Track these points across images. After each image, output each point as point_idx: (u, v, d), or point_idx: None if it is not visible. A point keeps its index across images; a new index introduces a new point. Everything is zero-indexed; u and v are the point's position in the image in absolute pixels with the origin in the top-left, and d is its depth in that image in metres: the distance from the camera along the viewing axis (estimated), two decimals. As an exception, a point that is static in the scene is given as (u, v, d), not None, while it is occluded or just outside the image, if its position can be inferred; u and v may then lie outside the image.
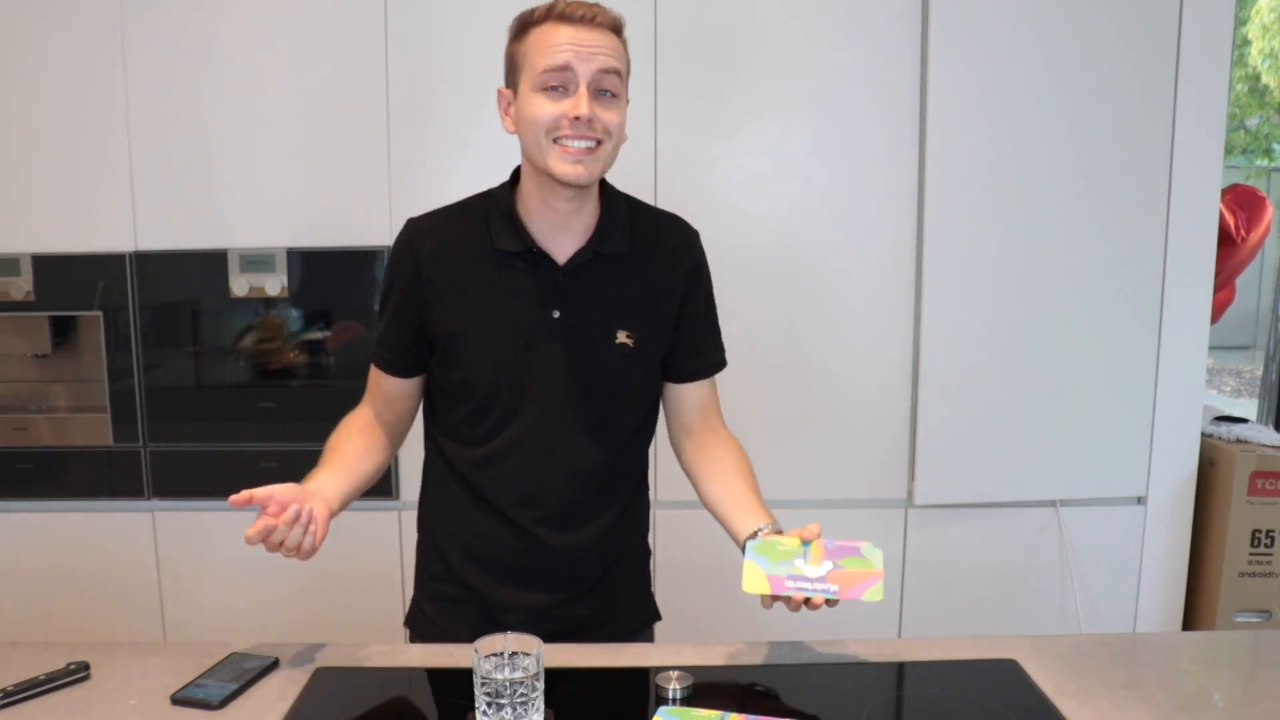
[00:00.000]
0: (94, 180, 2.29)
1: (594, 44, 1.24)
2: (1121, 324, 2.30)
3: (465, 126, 2.27)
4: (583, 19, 1.24)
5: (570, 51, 1.23)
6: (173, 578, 2.40)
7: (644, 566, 1.51)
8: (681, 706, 1.14)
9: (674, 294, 1.38)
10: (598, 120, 1.23)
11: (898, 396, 2.34)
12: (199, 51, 2.25)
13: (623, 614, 1.45)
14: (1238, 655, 1.37)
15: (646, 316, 1.36)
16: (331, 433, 1.41)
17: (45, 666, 1.21)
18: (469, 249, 1.34)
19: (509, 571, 1.38)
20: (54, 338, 2.34)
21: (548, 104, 1.23)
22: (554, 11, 1.25)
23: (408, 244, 1.37)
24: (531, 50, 1.25)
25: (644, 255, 1.36)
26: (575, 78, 1.23)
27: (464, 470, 1.38)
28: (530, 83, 1.25)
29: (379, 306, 1.44)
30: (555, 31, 1.24)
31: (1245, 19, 7.86)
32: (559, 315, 1.31)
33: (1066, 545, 2.38)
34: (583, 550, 1.38)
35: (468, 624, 1.35)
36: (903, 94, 2.24)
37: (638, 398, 1.40)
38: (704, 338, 1.43)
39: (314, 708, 1.16)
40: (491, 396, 1.33)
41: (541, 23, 1.25)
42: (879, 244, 2.30)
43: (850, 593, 1.15)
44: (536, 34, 1.25)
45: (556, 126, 1.23)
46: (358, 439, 1.39)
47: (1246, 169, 8.63)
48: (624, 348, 1.34)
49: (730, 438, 1.46)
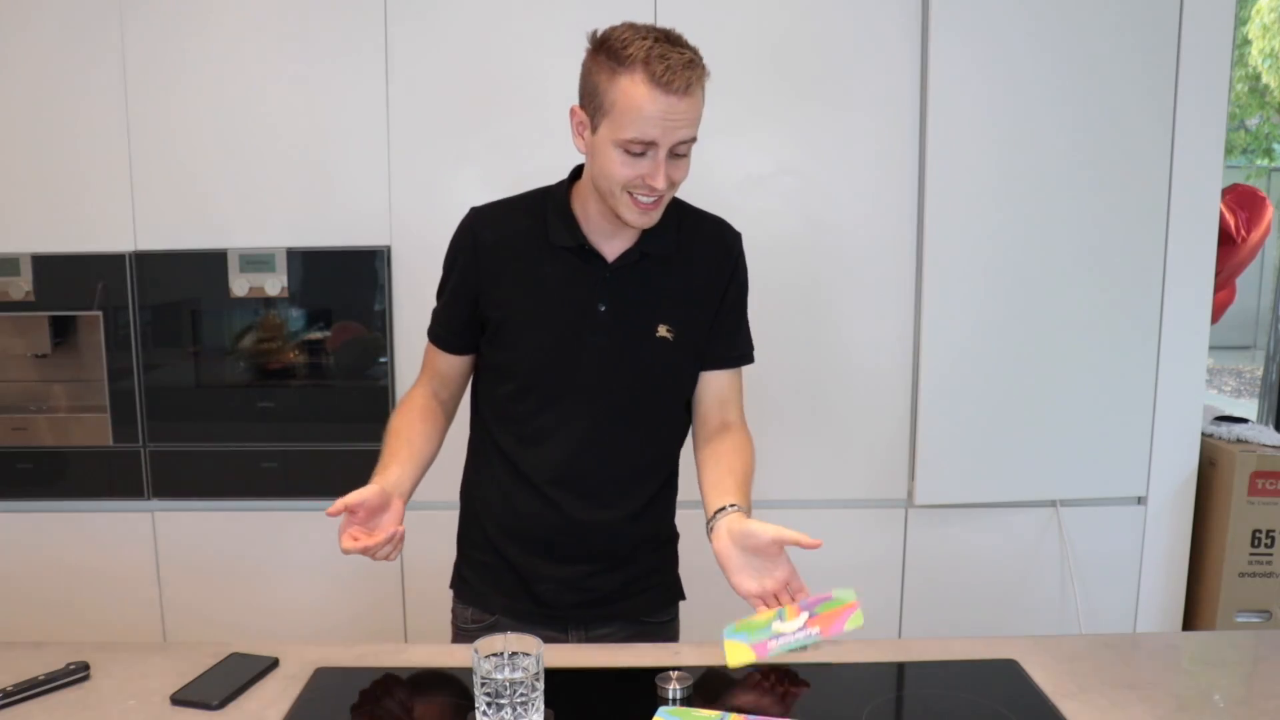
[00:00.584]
0: (94, 180, 2.29)
1: (682, 116, 1.26)
2: (1122, 324, 2.30)
3: (465, 126, 2.27)
4: (678, 90, 1.24)
5: (659, 127, 1.25)
6: (173, 578, 2.40)
7: (672, 547, 1.58)
8: (681, 706, 1.14)
9: (714, 292, 1.45)
10: (669, 179, 1.30)
11: (898, 396, 2.34)
12: (199, 51, 2.25)
13: (650, 589, 1.52)
14: (1238, 655, 1.37)
15: (687, 312, 1.43)
16: (394, 414, 1.46)
17: (45, 666, 1.21)
18: (525, 240, 1.40)
19: (542, 544, 1.46)
20: (54, 338, 2.34)
21: (626, 164, 1.28)
22: (652, 74, 1.23)
23: (469, 230, 1.43)
24: (620, 105, 1.25)
25: (687, 255, 1.43)
26: (657, 148, 1.27)
27: (506, 446, 1.46)
28: (611, 135, 1.27)
29: (439, 287, 1.49)
30: (649, 99, 1.23)
31: (1245, 19, 7.86)
32: (605, 309, 1.39)
33: (1066, 545, 2.38)
34: (614, 528, 1.45)
35: (502, 590, 1.48)
36: (903, 94, 2.24)
37: (675, 388, 1.47)
38: (731, 331, 1.48)
39: (314, 708, 1.16)
40: (536, 379, 1.41)
41: (634, 74, 1.23)
42: (879, 244, 2.30)
43: (832, 629, 1.19)
44: (628, 88, 1.24)
45: (632, 185, 1.29)
46: (419, 424, 1.44)
47: (1247, 169, 8.62)
48: (664, 341, 1.41)
49: (741, 434, 1.48)
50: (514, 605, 1.47)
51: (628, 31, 1.27)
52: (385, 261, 2.29)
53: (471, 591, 1.52)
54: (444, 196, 2.29)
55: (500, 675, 1.04)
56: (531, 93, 2.24)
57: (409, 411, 1.45)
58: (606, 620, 1.49)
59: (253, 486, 2.37)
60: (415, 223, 2.29)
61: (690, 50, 1.27)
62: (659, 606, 1.54)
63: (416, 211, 2.30)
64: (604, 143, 1.29)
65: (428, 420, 1.45)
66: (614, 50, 1.25)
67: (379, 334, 2.32)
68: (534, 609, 1.46)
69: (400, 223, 2.30)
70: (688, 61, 1.25)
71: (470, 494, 1.54)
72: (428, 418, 1.46)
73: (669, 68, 1.23)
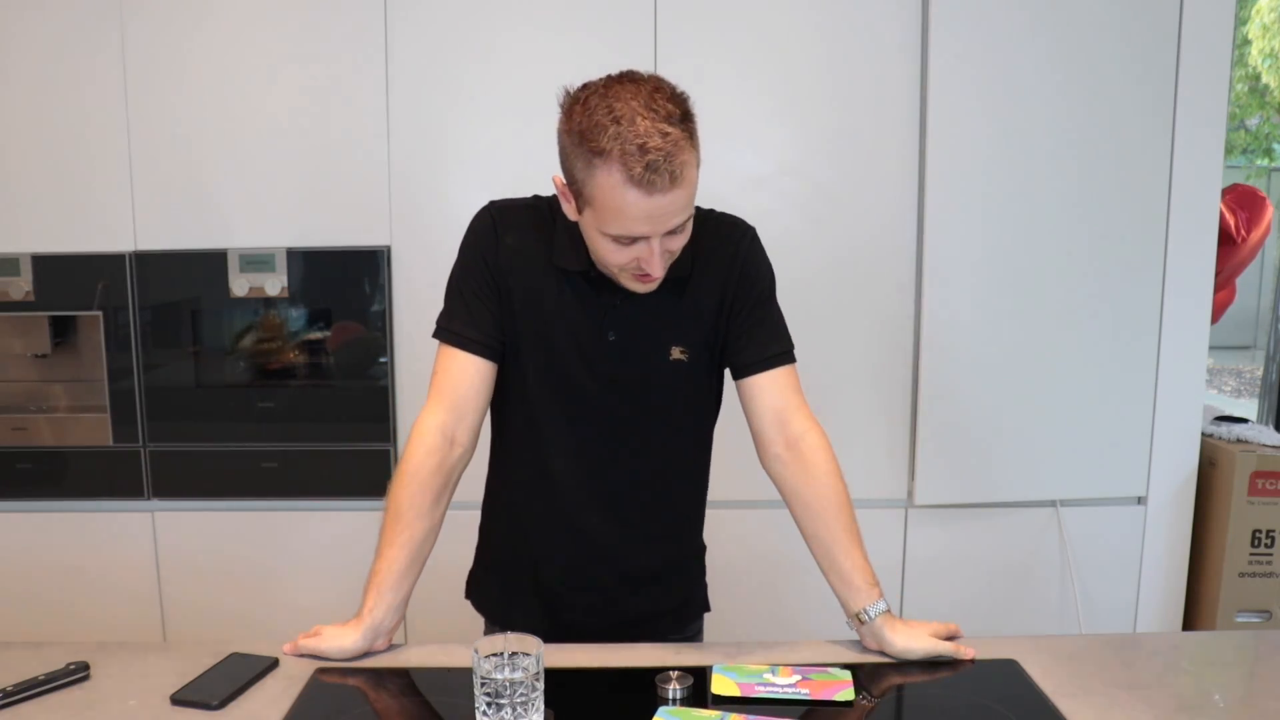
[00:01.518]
0: (94, 180, 2.29)
1: (672, 209, 1.14)
2: (1122, 324, 2.30)
3: (466, 126, 2.27)
4: (663, 189, 1.11)
5: (646, 225, 1.15)
6: (173, 578, 2.40)
7: (699, 563, 1.51)
8: (681, 706, 1.14)
9: (724, 300, 1.35)
10: (667, 256, 1.21)
11: (898, 396, 2.34)
12: (199, 51, 2.25)
13: (676, 608, 1.47)
14: (1238, 655, 1.37)
15: (699, 329, 1.34)
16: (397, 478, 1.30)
17: (45, 666, 1.21)
18: (536, 255, 1.31)
19: (567, 571, 1.40)
20: (54, 338, 2.34)
21: (617, 252, 1.19)
22: (631, 175, 1.10)
23: (492, 226, 1.33)
24: (599, 201, 1.14)
25: (699, 269, 1.33)
26: (649, 239, 1.17)
27: (524, 472, 1.39)
28: (597, 225, 1.18)
29: (453, 284, 1.34)
30: (628, 200, 1.11)
31: (1245, 19, 7.86)
32: (614, 338, 1.31)
33: (1066, 545, 2.38)
34: (640, 553, 1.40)
35: (526, 612, 1.40)
36: (903, 94, 2.24)
37: (691, 408, 1.40)
38: (755, 329, 1.35)
39: (314, 708, 1.16)
40: (547, 407, 1.34)
41: (610, 170, 1.11)
42: (879, 244, 2.29)
43: (821, 695, 1.18)
44: (607, 186, 1.12)
45: (627, 267, 1.21)
46: (429, 515, 1.30)
47: (1247, 169, 8.63)
48: (678, 363, 1.33)
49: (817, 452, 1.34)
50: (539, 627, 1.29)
51: (598, 108, 1.11)
52: (385, 261, 2.29)
53: (496, 611, 1.46)
54: (444, 196, 2.29)
55: (500, 675, 1.04)
56: (531, 93, 2.24)
57: (415, 487, 1.29)
58: (634, 640, 1.41)
59: (253, 486, 2.36)
60: (415, 223, 2.29)
61: (675, 121, 1.12)
62: (683, 624, 1.49)
63: (416, 211, 2.30)
64: (591, 227, 1.19)
65: (435, 501, 1.30)
66: (586, 137, 1.12)
67: (379, 334, 2.32)
68: (560, 632, 1.36)
69: (400, 223, 2.30)
70: (670, 148, 1.10)
71: (492, 513, 1.48)
72: (435, 497, 1.30)
73: (649, 166, 1.09)
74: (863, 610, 1.29)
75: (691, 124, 1.16)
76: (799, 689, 1.19)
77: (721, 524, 1.62)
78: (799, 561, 1.41)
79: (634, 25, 2.22)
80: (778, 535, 1.42)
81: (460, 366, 1.31)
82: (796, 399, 1.36)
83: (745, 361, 1.35)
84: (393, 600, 1.29)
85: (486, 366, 1.32)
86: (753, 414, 1.36)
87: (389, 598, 1.29)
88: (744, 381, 1.36)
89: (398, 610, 1.30)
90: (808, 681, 1.21)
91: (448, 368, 1.32)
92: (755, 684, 1.19)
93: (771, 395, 1.34)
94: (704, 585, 1.52)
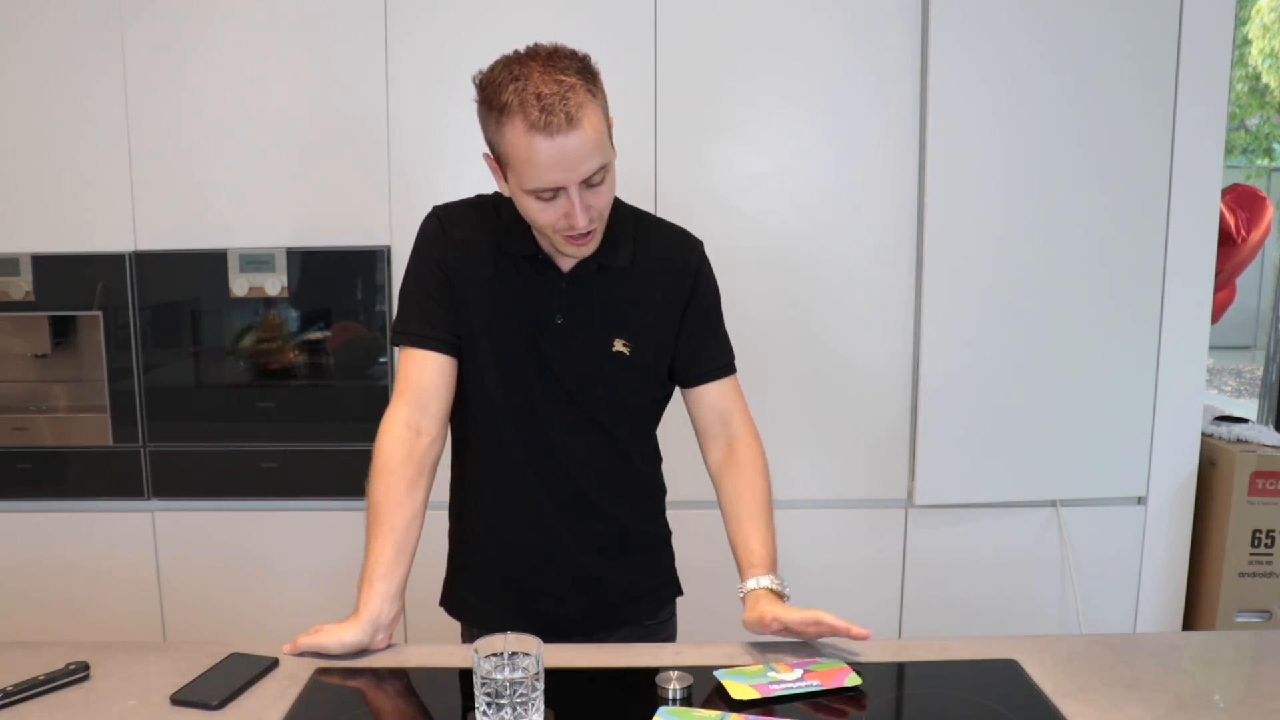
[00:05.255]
0: (94, 180, 2.29)
1: (578, 152, 1.19)
2: (1122, 324, 2.30)
3: (465, 126, 2.26)
4: (561, 129, 1.16)
5: (557, 171, 1.19)
6: (173, 578, 2.40)
7: (665, 548, 1.56)
8: (681, 706, 1.14)
9: (674, 305, 1.41)
10: (591, 210, 1.25)
11: (898, 396, 2.34)
12: (199, 51, 2.25)
13: (646, 593, 1.51)
14: (1238, 655, 1.37)
15: (645, 327, 1.39)
16: (372, 476, 1.33)
17: (45, 666, 1.21)
18: (485, 245, 1.38)
19: (534, 560, 1.43)
20: (54, 338, 2.34)
21: (543, 210, 1.24)
22: (530, 120, 1.16)
23: (439, 228, 1.40)
24: (513, 156, 1.20)
25: (645, 268, 1.39)
26: (566, 189, 1.22)
27: (482, 465, 1.43)
28: (518, 185, 1.24)
29: (404, 291, 1.41)
30: (535, 147, 1.17)
31: (1245, 19, 7.86)
32: (561, 321, 1.36)
33: (1066, 545, 2.38)
34: (600, 540, 1.44)
35: (503, 607, 1.45)
36: (903, 93, 2.24)
37: (633, 403, 1.44)
38: (706, 343, 1.44)
39: (314, 708, 1.16)
40: (498, 394, 1.38)
41: (514, 122, 1.18)
42: (879, 243, 2.30)
43: (831, 683, 1.20)
44: (514, 138, 1.19)
45: (555, 227, 1.26)
46: (405, 500, 1.32)
47: (1247, 169, 8.63)
48: (620, 356, 1.38)
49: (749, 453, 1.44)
50: (517, 621, 1.41)
51: (501, 71, 1.19)
52: (385, 261, 2.29)
53: (472, 611, 1.50)
54: (444, 196, 2.28)
55: (500, 675, 1.04)
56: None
57: (388, 478, 1.32)
58: (609, 627, 1.47)
59: (253, 486, 2.37)
60: (415, 223, 2.27)
61: (570, 71, 1.18)
62: (657, 608, 1.53)
63: (416, 211, 2.27)
64: (516, 191, 1.25)
65: (415, 490, 1.33)
66: (490, 98, 1.20)
67: (379, 334, 2.32)
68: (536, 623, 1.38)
69: (400, 223, 2.30)
70: (566, 91, 1.16)
71: (458, 514, 1.51)
72: (409, 484, 1.32)
73: (544, 108, 1.15)
74: (739, 586, 1.36)
75: (591, 75, 1.22)
76: (809, 681, 1.20)
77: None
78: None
79: (634, 25, 2.22)
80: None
81: (419, 363, 1.37)
82: (740, 406, 1.47)
83: (694, 373, 1.44)
84: (385, 591, 1.30)
85: (445, 361, 1.37)
86: (697, 418, 1.47)
87: (381, 588, 1.30)
88: (692, 391, 1.45)
89: (394, 601, 1.31)
90: (814, 674, 1.21)
91: (408, 367, 1.37)
92: (768, 684, 1.19)
93: (716, 401, 1.45)
94: (673, 569, 1.56)
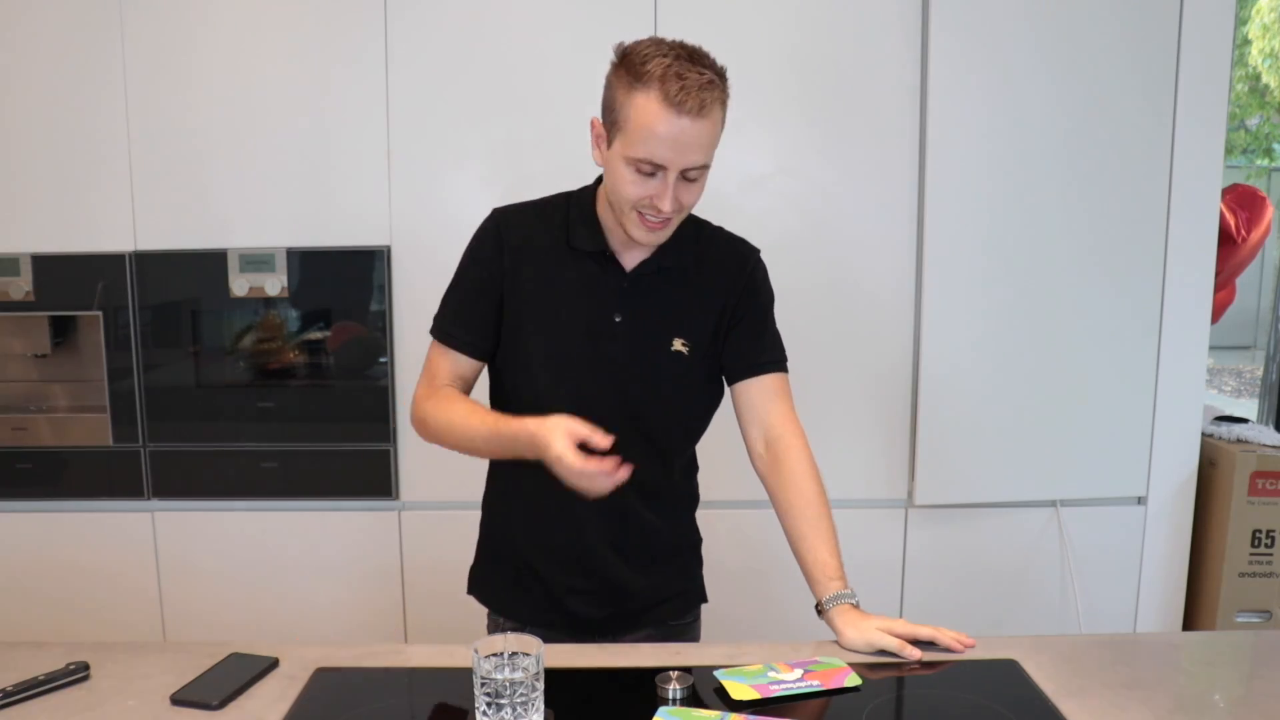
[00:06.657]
0: (94, 180, 2.29)
1: (694, 140, 1.23)
2: (1122, 324, 2.30)
3: (465, 126, 2.27)
4: (691, 111, 1.21)
5: (670, 149, 1.23)
6: (173, 578, 2.40)
7: (695, 554, 1.57)
8: (681, 706, 1.14)
9: (727, 309, 1.43)
10: (678, 201, 1.28)
11: (898, 396, 2.34)
12: (199, 51, 2.25)
13: (673, 596, 1.52)
14: (1238, 655, 1.37)
15: (701, 328, 1.41)
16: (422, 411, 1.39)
17: (45, 666, 1.21)
18: (547, 244, 1.39)
19: (566, 559, 1.44)
20: (54, 338, 2.34)
21: (636, 184, 1.27)
22: (667, 94, 1.21)
23: (495, 231, 1.41)
24: (633, 120, 1.23)
25: (704, 271, 1.42)
26: (667, 171, 1.25)
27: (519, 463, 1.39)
28: (624, 151, 1.26)
29: (453, 286, 1.44)
30: (661, 119, 1.21)
31: (1245, 19, 7.86)
32: (620, 319, 1.38)
33: (1066, 545, 2.38)
34: (635, 541, 1.45)
35: (531, 603, 1.46)
36: (903, 94, 2.24)
37: (687, 403, 1.45)
38: (756, 342, 1.45)
39: (314, 708, 1.16)
40: (553, 389, 1.38)
41: (649, 91, 1.22)
42: (879, 244, 2.30)
43: (831, 683, 1.20)
44: (643, 105, 1.22)
45: (640, 204, 1.28)
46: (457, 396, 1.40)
47: (1247, 169, 8.63)
48: (679, 355, 1.40)
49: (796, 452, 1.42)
50: (544, 617, 1.45)
51: (650, 46, 1.24)
52: (385, 261, 2.29)
53: (500, 602, 1.51)
54: (444, 196, 2.29)
55: (500, 675, 1.04)
56: (531, 93, 2.24)
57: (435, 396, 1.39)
58: (634, 628, 1.48)
59: (253, 486, 2.36)
60: (415, 223, 2.30)
61: (712, 71, 1.24)
62: (683, 611, 1.53)
63: (416, 211, 2.30)
64: (616, 158, 1.27)
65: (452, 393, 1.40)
66: (633, 65, 1.24)
67: (379, 334, 2.32)
68: (563, 620, 1.45)
69: (400, 223, 2.30)
70: (706, 83, 1.22)
71: (492, 507, 1.53)
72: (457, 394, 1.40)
73: (684, 88, 1.20)
74: (820, 601, 1.34)
75: (726, 84, 1.27)
76: (809, 681, 1.20)
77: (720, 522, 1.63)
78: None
79: (634, 26, 2.22)
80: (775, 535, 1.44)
81: (450, 361, 1.42)
82: (784, 405, 1.45)
83: (741, 366, 1.45)
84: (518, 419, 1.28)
85: (470, 364, 1.42)
86: (742, 416, 1.46)
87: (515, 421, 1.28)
88: (737, 385, 1.45)
89: None
90: (812, 673, 1.22)
91: (437, 360, 1.43)
92: (768, 684, 1.19)
93: (760, 399, 1.44)
94: (700, 576, 1.57)
